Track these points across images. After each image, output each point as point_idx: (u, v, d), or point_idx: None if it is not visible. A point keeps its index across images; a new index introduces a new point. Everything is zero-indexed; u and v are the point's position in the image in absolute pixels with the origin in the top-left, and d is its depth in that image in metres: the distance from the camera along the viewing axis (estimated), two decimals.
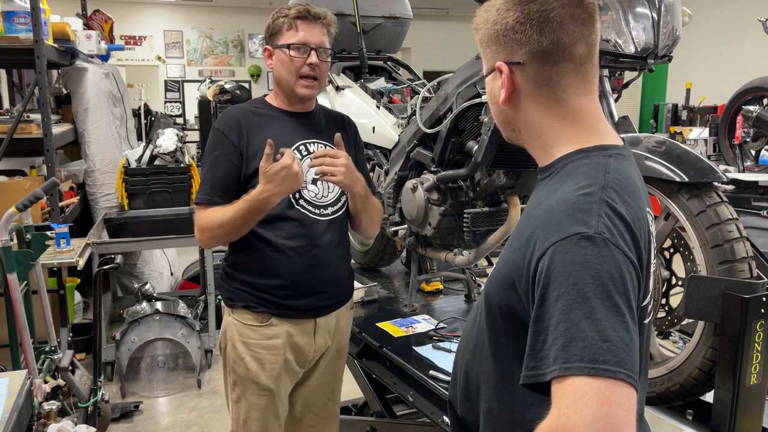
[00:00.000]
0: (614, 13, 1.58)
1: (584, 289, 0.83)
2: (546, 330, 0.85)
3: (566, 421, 0.77)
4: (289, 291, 1.84)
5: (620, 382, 0.79)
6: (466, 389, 1.15)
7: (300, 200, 1.84)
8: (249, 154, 1.81)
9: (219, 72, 11.73)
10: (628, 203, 0.92)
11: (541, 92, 1.00)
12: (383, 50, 2.92)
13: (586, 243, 0.85)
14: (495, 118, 1.10)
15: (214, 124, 1.89)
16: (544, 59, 0.97)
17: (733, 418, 1.32)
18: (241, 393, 1.89)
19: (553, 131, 1.01)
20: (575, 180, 0.94)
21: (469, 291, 2.55)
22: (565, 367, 0.80)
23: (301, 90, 1.84)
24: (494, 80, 1.04)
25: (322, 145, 1.89)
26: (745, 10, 8.62)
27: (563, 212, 0.90)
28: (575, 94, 1.00)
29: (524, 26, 0.97)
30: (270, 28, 1.88)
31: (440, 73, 2.35)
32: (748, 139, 4.88)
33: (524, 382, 0.87)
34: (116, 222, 3.86)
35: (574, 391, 0.79)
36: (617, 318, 0.82)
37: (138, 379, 3.85)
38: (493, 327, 1.04)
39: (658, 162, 1.46)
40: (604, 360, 0.79)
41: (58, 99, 4.97)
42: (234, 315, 1.88)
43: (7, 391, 1.72)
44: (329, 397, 2.03)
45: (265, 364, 1.86)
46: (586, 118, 1.01)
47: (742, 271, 1.37)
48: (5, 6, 3.52)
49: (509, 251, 1.00)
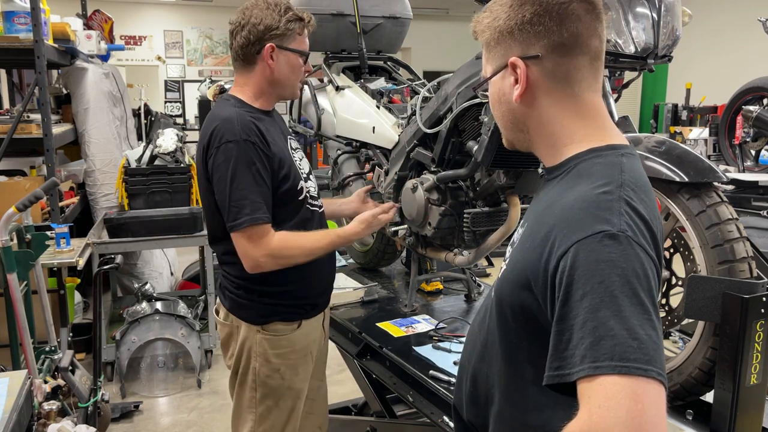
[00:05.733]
0: (614, 13, 1.58)
1: (611, 287, 0.82)
2: (571, 329, 0.83)
3: (598, 420, 0.76)
4: (316, 290, 1.92)
5: (651, 380, 0.78)
6: (474, 393, 1.14)
7: (308, 198, 1.89)
8: (275, 161, 1.77)
9: (219, 72, 11.73)
10: (645, 202, 0.93)
11: (557, 86, 0.99)
12: (383, 50, 2.92)
13: (610, 241, 0.85)
14: (501, 119, 1.08)
15: (231, 135, 1.71)
16: (563, 51, 0.98)
17: (733, 418, 1.32)
18: (273, 404, 1.86)
19: (566, 128, 1.01)
20: (591, 179, 0.94)
21: (469, 291, 2.55)
22: (594, 366, 0.79)
23: (297, 92, 1.95)
24: (503, 79, 1.03)
25: (293, 140, 1.98)
26: (745, 10, 8.62)
27: (584, 210, 0.89)
28: (588, 90, 1.00)
29: (543, 18, 0.97)
30: (278, 28, 1.79)
31: (440, 73, 2.35)
32: (748, 139, 4.88)
33: (548, 383, 0.86)
34: (116, 222, 3.86)
35: (606, 390, 0.78)
36: (644, 316, 0.82)
37: (138, 379, 3.85)
38: (505, 328, 1.03)
39: (658, 162, 1.46)
40: (635, 358, 0.78)
41: (58, 99, 4.97)
42: (266, 331, 1.83)
43: (7, 391, 1.72)
44: (321, 378, 2.10)
45: (298, 367, 1.88)
46: (596, 116, 1.01)
47: (742, 271, 1.37)
48: (5, 6, 3.52)
49: (522, 252, 0.99)
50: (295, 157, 1.90)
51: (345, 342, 2.33)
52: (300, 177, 1.86)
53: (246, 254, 1.72)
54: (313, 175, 2.00)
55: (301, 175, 1.87)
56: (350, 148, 2.73)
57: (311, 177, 1.96)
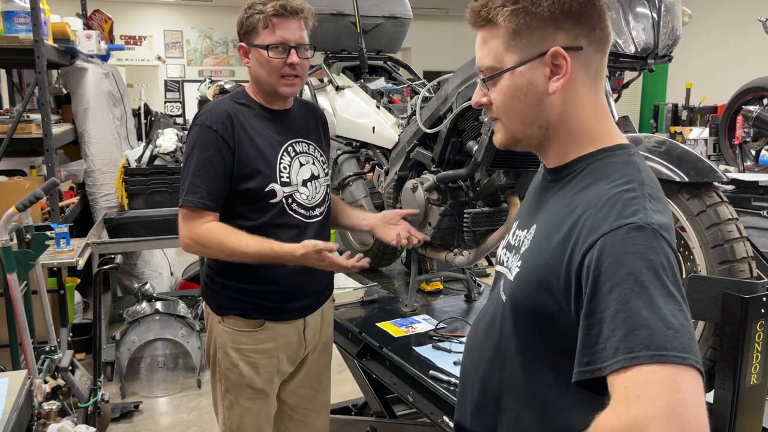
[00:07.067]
0: (614, 13, 1.58)
1: (640, 278, 0.81)
2: (600, 322, 0.82)
3: (639, 411, 0.75)
4: (284, 295, 1.84)
5: (689, 368, 0.77)
6: (482, 401, 1.11)
7: (293, 204, 1.82)
8: (241, 156, 1.75)
9: (219, 72, 11.72)
10: (662, 201, 0.93)
11: (588, 82, 0.98)
12: (383, 50, 2.92)
13: (636, 233, 0.85)
14: (520, 112, 1.00)
15: (200, 120, 1.76)
16: (599, 46, 0.98)
17: (733, 418, 1.32)
18: (234, 399, 1.87)
19: (583, 127, 1.00)
20: (611, 177, 0.93)
21: (469, 291, 2.55)
22: (630, 357, 0.78)
23: (284, 89, 1.78)
24: (534, 69, 0.97)
25: (305, 143, 1.89)
26: (745, 10, 8.61)
27: (609, 207, 0.89)
28: (601, 90, 1.01)
29: (590, 10, 0.96)
30: (243, 25, 1.76)
31: (440, 73, 2.35)
32: (748, 139, 4.87)
33: (578, 379, 0.84)
34: (116, 222, 3.86)
35: (644, 380, 0.76)
36: (675, 306, 0.81)
37: (138, 379, 3.84)
38: (522, 333, 1.01)
39: (658, 162, 1.46)
40: (672, 347, 0.77)
41: (58, 99, 4.97)
42: (225, 323, 1.84)
43: (7, 391, 1.72)
44: (317, 389, 2.04)
45: (259, 368, 1.85)
46: (607, 116, 1.02)
47: (742, 271, 1.37)
48: (5, 6, 3.52)
49: (538, 254, 0.97)
50: (285, 160, 1.81)
51: (345, 342, 2.33)
52: (274, 179, 1.78)
53: (179, 232, 1.78)
54: (322, 184, 1.90)
55: (280, 178, 1.79)
56: (350, 148, 2.72)
57: (313, 184, 1.86)
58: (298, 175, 1.84)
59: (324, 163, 1.94)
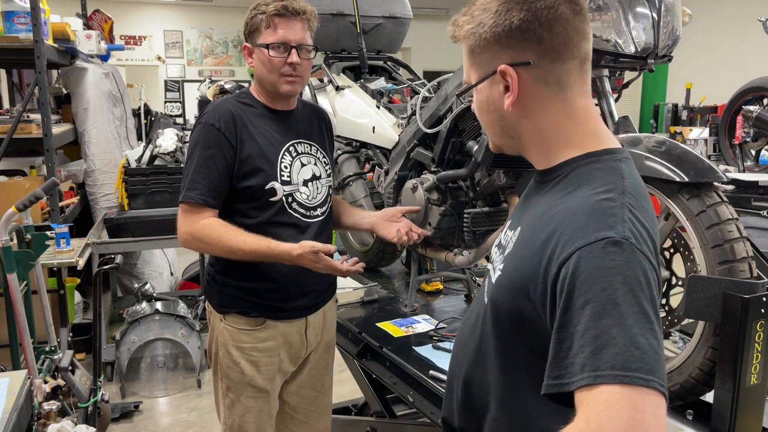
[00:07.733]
0: (614, 13, 1.58)
1: (613, 295, 0.80)
2: (571, 337, 0.82)
3: (597, 429, 0.75)
4: (284, 294, 1.85)
5: (652, 391, 0.77)
6: (467, 399, 1.12)
7: (293, 203, 1.83)
8: (243, 154, 1.77)
9: (219, 72, 11.74)
10: (645, 209, 0.91)
11: (549, 92, 0.97)
12: (383, 50, 2.92)
13: (613, 248, 0.83)
14: (489, 126, 1.05)
15: (204, 118, 1.80)
16: (554, 57, 0.95)
17: (733, 418, 1.32)
18: (236, 398, 1.88)
19: (560, 134, 0.99)
20: (591, 184, 0.92)
21: (469, 291, 2.55)
22: (595, 375, 0.78)
23: (284, 87, 1.80)
24: (491, 86, 1.00)
25: (308, 144, 1.90)
26: (745, 10, 8.62)
27: (586, 216, 0.88)
28: (579, 94, 0.98)
29: (533, 24, 0.94)
30: (248, 25, 1.80)
31: (440, 73, 2.35)
32: (748, 139, 4.87)
33: (546, 392, 0.84)
34: (116, 222, 3.86)
35: (606, 399, 0.76)
36: (646, 325, 0.80)
37: (138, 379, 3.85)
38: (501, 336, 1.01)
39: (658, 162, 1.45)
40: (637, 368, 0.77)
41: (58, 99, 4.97)
42: (226, 321, 1.86)
43: (7, 391, 1.72)
44: (319, 389, 2.05)
45: (260, 366, 1.86)
46: (589, 120, 1.00)
47: (742, 271, 1.37)
48: (5, 6, 3.52)
49: (519, 258, 0.97)
50: (286, 160, 1.83)
51: (345, 342, 2.33)
52: (275, 178, 1.79)
53: (178, 227, 1.80)
54: (323, 185, 1.91)
55: (280, 177, 1.80)
56: (350, 148, 2.73)
57: (314, 184, 1.88)
58: (299, 175, 1.85)
59: (327, 165, 1.95)
